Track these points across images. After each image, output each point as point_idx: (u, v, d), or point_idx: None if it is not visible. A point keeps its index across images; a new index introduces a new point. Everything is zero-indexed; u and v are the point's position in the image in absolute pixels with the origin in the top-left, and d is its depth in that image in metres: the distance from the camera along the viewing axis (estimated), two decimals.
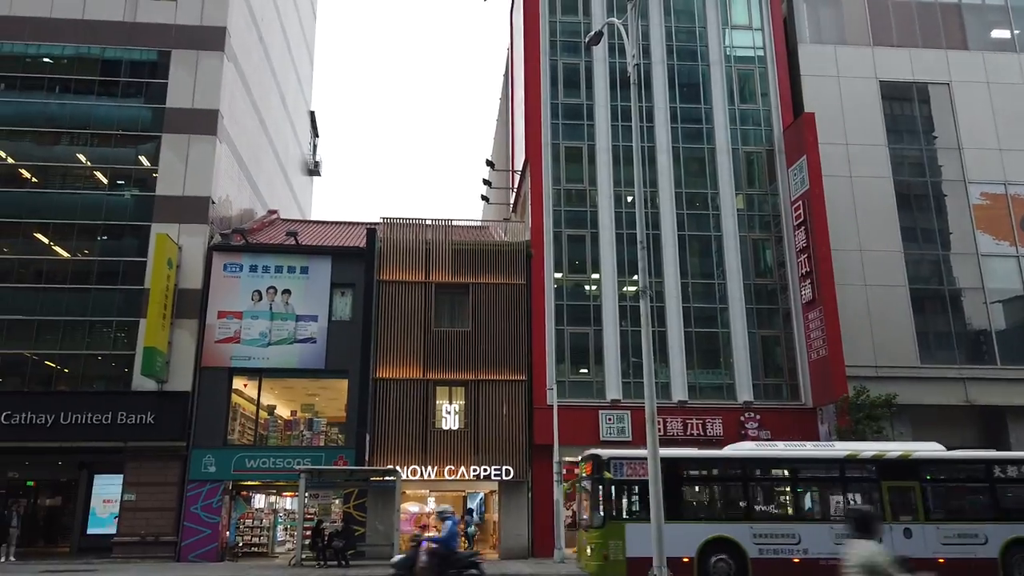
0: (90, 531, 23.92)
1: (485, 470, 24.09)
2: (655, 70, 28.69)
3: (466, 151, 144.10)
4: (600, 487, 16.26)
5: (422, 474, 23.90)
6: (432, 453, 24.17)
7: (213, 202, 25.95)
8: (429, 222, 27.05)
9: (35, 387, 23.92)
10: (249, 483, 24.38)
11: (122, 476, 23.27)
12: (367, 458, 23.42)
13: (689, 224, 27.25)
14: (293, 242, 25.73)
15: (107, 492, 24.10)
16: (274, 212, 32.59)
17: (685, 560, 15.45)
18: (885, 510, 16.10)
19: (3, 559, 21.44)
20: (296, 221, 32.57)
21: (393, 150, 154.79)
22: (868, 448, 17.49)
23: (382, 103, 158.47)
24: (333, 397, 25.97)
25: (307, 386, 26.48)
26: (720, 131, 28.41)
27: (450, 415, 24.90)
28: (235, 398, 24.69)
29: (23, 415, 22.77)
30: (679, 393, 25.38)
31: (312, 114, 44.47)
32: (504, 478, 24.11)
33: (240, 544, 24.21)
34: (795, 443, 18.26)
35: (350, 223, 31.48)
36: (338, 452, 23.98)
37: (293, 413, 26.54)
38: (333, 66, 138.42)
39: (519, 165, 31.75)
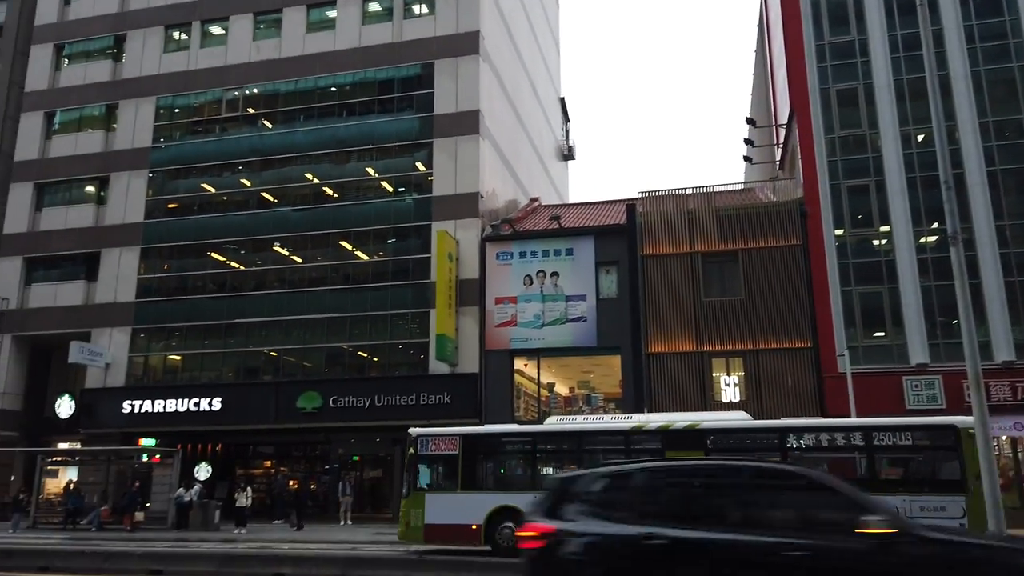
0: None
1: None
2: None
3: (722, 113, 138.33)
4: (409, 462, 17.41)
5: None
6: None
7: (482, 196, 27.62)
8: (690, 191, 26.27)
9: (353, 374, 27.42)
10: None
11: None
12: None
13: (1001, 158, 23.31)
14: (556, 226, 26.50)
15: None
16: (535, 199, 33.87)
17: (474, 527, 16.03)
18: None
19: (341, 522, 24.95)
20: (557, 206, 33.54)
21: (644, 123, 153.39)
22: (662, 419, 16.85)
23: (627, 77, 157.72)
24: (607, 373, 26.36)
25: (581, 363, 27.16)
26: None
27: (729, 387, 24.00)
28: (517, 378, 26.12)
29: (346, 399, 26.24)
30: (1003, 353, 21.86)
31: (562, 100, 45.49)
32: None
33: None
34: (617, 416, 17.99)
35: (608, 202, 31.67)
36: None
37: (571, 390, 27.44)
38: (576, 47, 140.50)
39: (783, 118, 29.52)
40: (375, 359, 27.64)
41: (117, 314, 29.64)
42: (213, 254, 29.71)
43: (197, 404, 27.50)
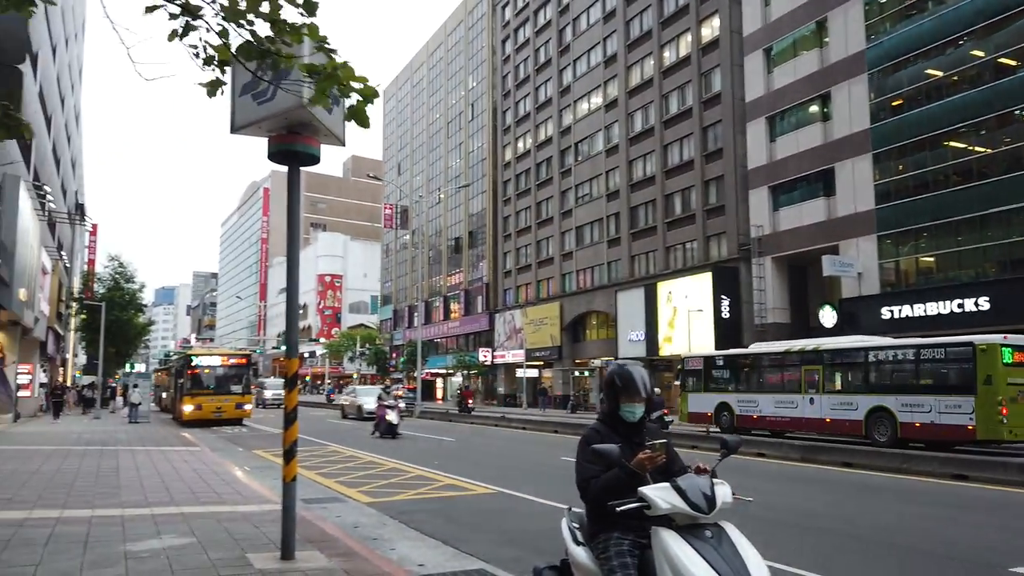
0: None
1: None
2: None
3: None
4: (677, 374, 28.35)
5: None
6: None
7: None
8: None
9: None
10: None
11: None
12: None
13: None
14: None
15: None
16: None
17: (708, 414, 24.39)
18: (802, 385, 21.47)
19: None
20: None
21: None
22: (802, 344, 23.01)
23: None
24: None
25: None
26: None
27: None
28: None
29: None
30: None
31: None
32: None
33: None
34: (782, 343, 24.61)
35: None
36: None
37: None
38: None
39: None
40: None
41: (859, 224, 30.03)
42: (950, 142, 27.07)
43: (960, 305, 25.69)
